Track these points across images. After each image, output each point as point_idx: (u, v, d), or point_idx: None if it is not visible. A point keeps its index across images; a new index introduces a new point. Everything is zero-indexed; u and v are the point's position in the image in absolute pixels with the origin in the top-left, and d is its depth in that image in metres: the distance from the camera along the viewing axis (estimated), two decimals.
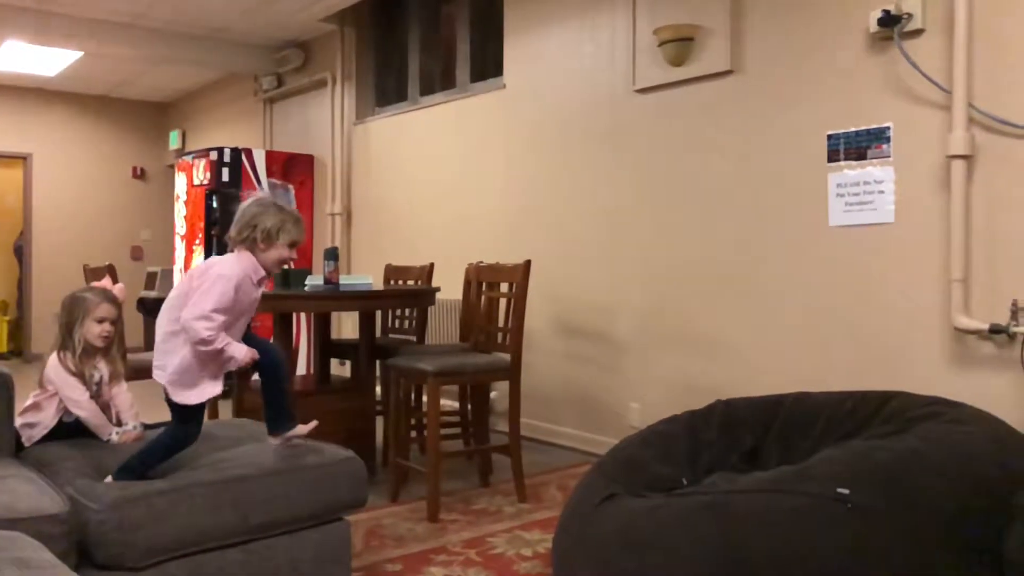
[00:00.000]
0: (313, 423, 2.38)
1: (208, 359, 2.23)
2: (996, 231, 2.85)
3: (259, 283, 2.35)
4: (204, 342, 2.16)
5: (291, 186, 6.41)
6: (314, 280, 3.62)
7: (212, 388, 2.27)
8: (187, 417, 2.27)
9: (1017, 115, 2.79)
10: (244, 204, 2.35)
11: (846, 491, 1.92)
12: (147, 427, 2.49)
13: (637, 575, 2.05)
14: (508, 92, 4.83)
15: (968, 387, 2.85)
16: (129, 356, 3.30)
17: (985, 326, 2.82)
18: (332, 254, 3.54)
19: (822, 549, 1.88)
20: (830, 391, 2.83)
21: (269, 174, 6.28)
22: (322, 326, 4.08)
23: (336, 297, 3.47)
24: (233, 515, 2.12)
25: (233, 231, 2.32)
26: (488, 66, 5.15)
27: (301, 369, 5.83)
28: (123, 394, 2.49)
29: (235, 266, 2.26)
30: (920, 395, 2.62)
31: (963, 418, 2.34)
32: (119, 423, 2.46)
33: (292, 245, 2.36)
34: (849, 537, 1.88)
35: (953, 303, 2.91)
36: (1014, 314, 2.78)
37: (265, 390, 2.37)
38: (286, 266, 2.52)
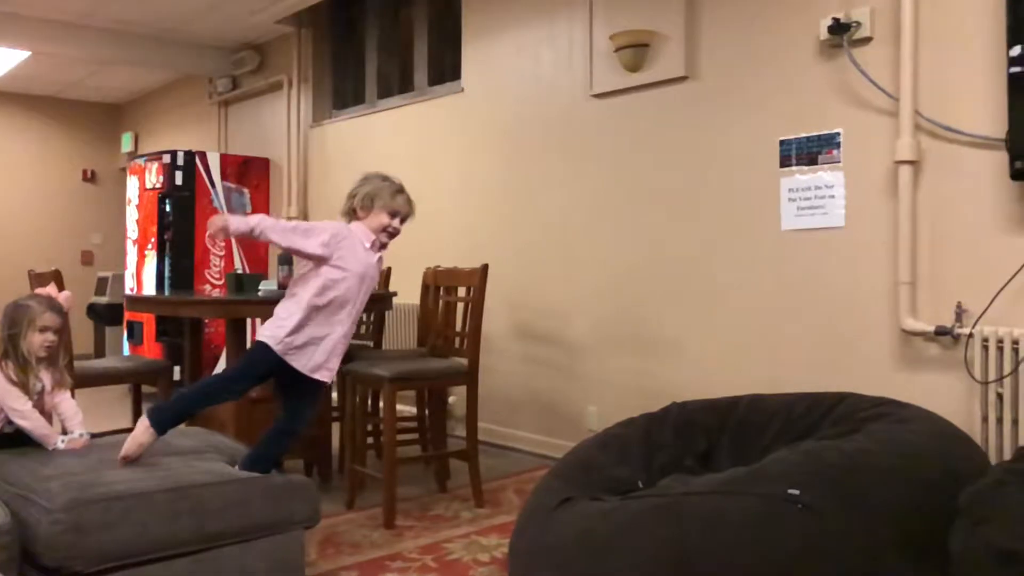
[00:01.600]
0: None
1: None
2: (941, 235, 2.92)
3: (373, 248, 2.47)
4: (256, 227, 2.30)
5: (246, 190, 6.33)
6: (268, 285, 3.57)
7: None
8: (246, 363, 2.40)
9: (961, 122, 2.86)
10: None
11: (796, 491, 1.95)
12: (93, 436, 2.43)
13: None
14: (466, 96, 4.83)
15: (915, 387, 2.91)
16: (77, 364, 3.23)
17: (931, 328, 2.89)
18: (286, 259, 3.49)
19: (773, 549, 1.90)
20: (783, 393, 2.87)
21: (224, 177, 6.19)
22: None
23: None
24: (190, 523, 2.09)
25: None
26: (446, 70, 5.14)
27: None
28: (67, 402, 2.43)
29: (340, 224, 2.44)
30: (869, 396, 2.67)
31: (910, 418, 2.39)
32: (64, 432, 2.40)
33: (393, 214, 2.49)
34: (799, 537, 1.90)
35: (901, 305, 2.97)
36: (958, 316, 2.84)
37: (271, 437, 2.45)
38: (387, 240, 2.60)
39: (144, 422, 2.27)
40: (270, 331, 2.41)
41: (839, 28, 3.12)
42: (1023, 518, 1.76)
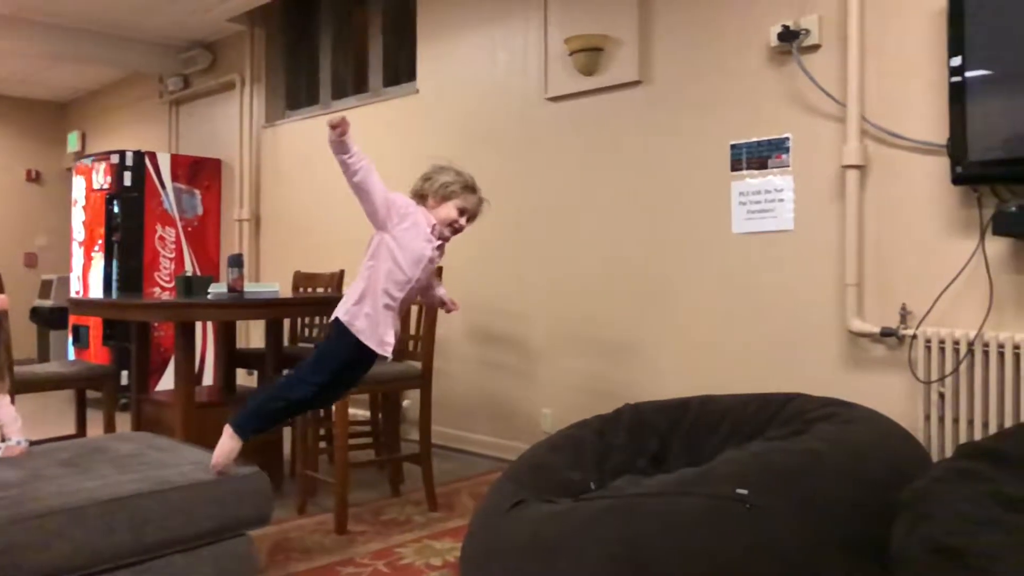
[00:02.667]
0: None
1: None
2: (887, 238, 2.98)
3: (432, 234, 2.44)
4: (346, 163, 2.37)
5: (197, 191, 6.22)
6: (217, 288, 3.51)
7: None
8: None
9: (906, 128, 2.92)
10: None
11: (745, 491, 1.97)
12: (32, 443, 2.36)
13: None
14: (421, 97, 4.80)
15: (862, 388, 2.97)
16: (19, 368, 3.14)
17: (877, 329, 2.95)
18: (236, 261, 3.44)
19: (721, 547, 1.92)
20: (734, 394, 2.90)
21: (174, 178, 6.08)
22: (227, 335, 3.97)
23: (240, 305, 3.37)
24: (129, 534, 2.03)
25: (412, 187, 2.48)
26: (401, 71, 5.11)
27: (208, 380, 5.65)
28: (4, 408, 2.36)
29: (413, 201, 2.47)
30: (817, 397, 2.71)
31: (856, 418, 2.43)
32: (2, 438, 2.33)
33: (463, 212, 2.47)
34: (747, 535, 1.92)
35: (847, 307, 3.02)
36: (903, 318, 2.91)
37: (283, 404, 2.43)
38: (450, 234, 2.57)
39: (227, 429, 2.31)
40: (343, 308, 2.42)
41: (789, 35, 3.17)
42: (961, 514, 1.80)
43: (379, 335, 2.42)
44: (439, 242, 2.49)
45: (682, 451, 2.73)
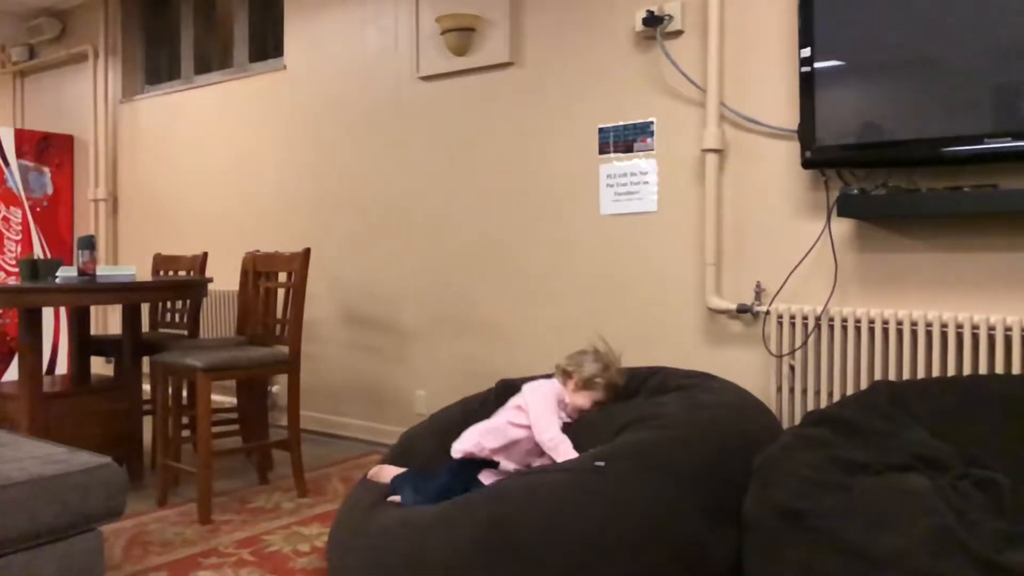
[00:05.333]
0: None
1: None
2: (743, 219, 3.11)
3: (561, 411, 2.49)
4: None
5: (47, 169, 5.82)
6: (67, 272, 3.30)
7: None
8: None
9: (761, 113, 3.06)
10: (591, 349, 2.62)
11: (602, 463, 2.03)
12: None
13: (413, 558, 2.05)
14: (289, 74, 4.66)
15: (721, 362, 3.10)
16: None
17: (733, 306, 3.08)
18: (87, 242, 3.23)
19: (584, 513, 1.99)
20: None
21: (19, 155, 5.66)
22: (80, 321, 3.74)
23: (91, 289, 3.18)
24: None
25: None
26: (268, 46, 4.93)
27: (62, 369, 5.33)
28: None
29: (553, 388, 2.53)
30: (679, 369, 2.83)
31: (713, 389, 2.54)
32: None
33: (596, 404, 2.51)
34: (607, 502, 2.00)
35: (707, 285, 3.15)
36: (757, 295, 3.05)
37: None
38: (576, 415, 2.53)
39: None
40: None
41: (653, 20, 3.25)
42: (804, 479, 1.92)
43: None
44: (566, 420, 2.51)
45: None
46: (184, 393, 3.58)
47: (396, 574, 2.07)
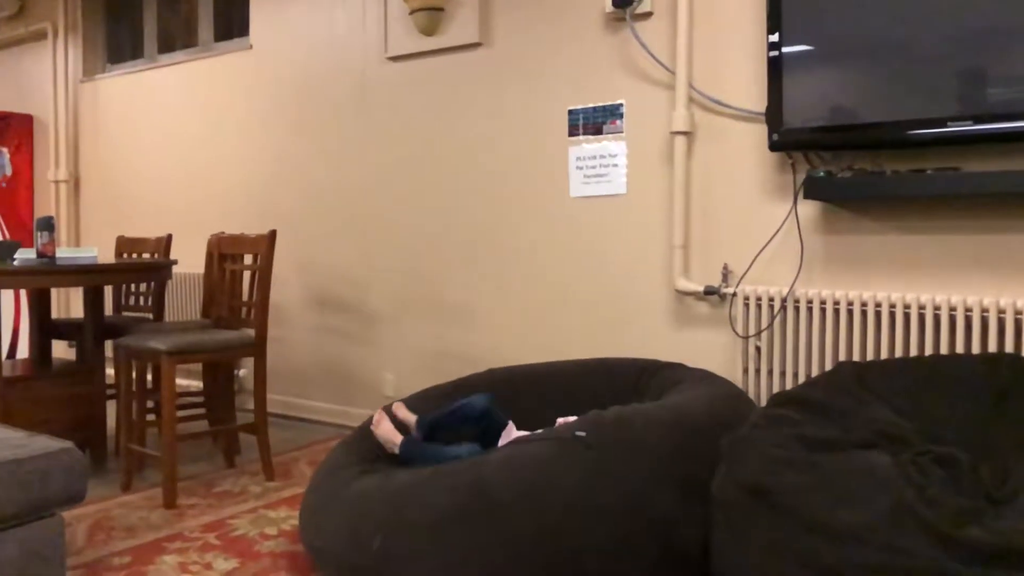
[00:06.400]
0: None
1: None
2: (711, 201, 3.13)
3: None
4: None
5: (5, 150, 5.68)
6: (25, 254, 3.23)
7: None
8: None
9: (729, 96, 3.07)
10: None
11: (583, 433, 2.06)
12: None
13: (389, 522, 2.06)
14: (255, 53, 4.58)
15: (688, 343, 3.12)
16: None
17: (701, 288, 3.10)
18: (46, 224, 3.17)
19: (561, 479, 2.02)
20: (578, 359, 3.02)
21: None
22: (40, 304, 3.67)
23: (51, 271, 3.11)
24: None
25: None
26: (233, 25, 4.85)
27: (24, 354, 5.22)
28: None
29: None
30: (654, 361, 2.89)
31: (687, 378, 2.59)
32: None
33: None
34: (583, 470, 2.03)
35: (675, 267, 3.16)
36: (724, 277, 3.07)
37: None
38: None
39: None
40: None
41: (623, 2, 3.23)
42: (769, 456, 1.93)
43: None
44: None
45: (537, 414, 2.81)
46: (149, 377, 3.53)
47: (373, 534, 2.06)
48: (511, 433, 2.53)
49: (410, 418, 2.65)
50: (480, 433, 2.53)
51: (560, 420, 2.41)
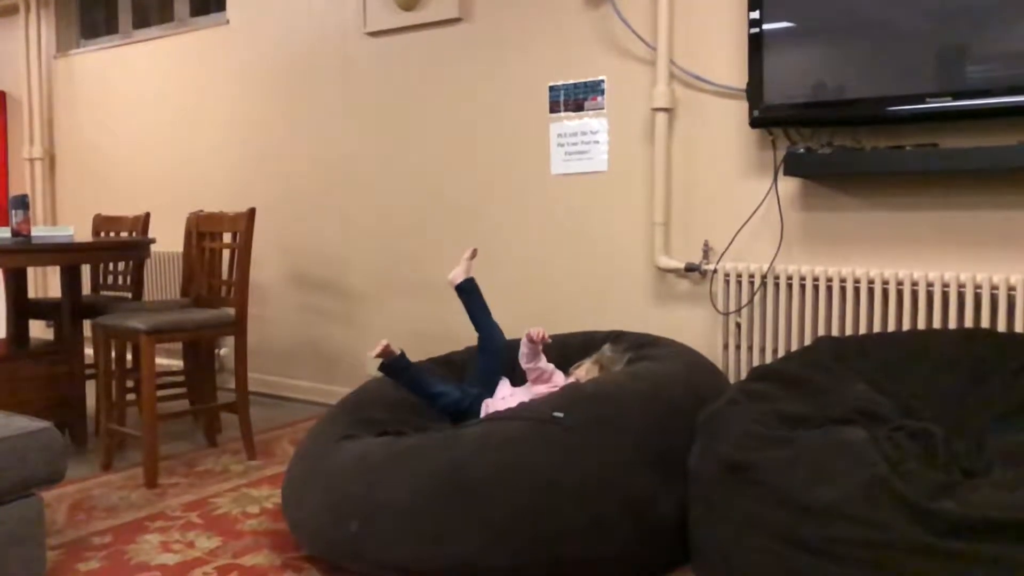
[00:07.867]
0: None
1: None
2: (692, 178, 3.13)
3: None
4: None
5: None
6: (0, 233, 3.18)
7: None
8: None
9: (709, 72, 3.06)
10: None
11: (561, 414, 2.06)
12: None
13: (365, 498, 2.06)
14: (232, 29, 4.51)
15: (669, 320, 3.13)
16: None
17: (682, 265, 3.11)
18: (20, 202, 3.12)
19: (538, 459, 2.02)
20: (561, 333, 3.01)
21: None
22: (16, 284, 3.62)
23: (26, 250, 3.07)
24: None
25: None
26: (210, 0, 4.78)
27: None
28: None
29: None
30: (634, 333, 2.88)
31: (663, 354, 2.59)
32: None
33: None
34: (561, 450, 2.03)
35: (656, 244, 3.16)
36: (705, 254, 3.08)
37: None
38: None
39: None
40: None
41: None
42: (748, 432, 1.95)
43: None
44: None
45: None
46: (128, 356, 3.51)
47: (350, 515, 2.07)
48: (503, 388, 2.66)
49: None
50: (488, 372, 2.72)
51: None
